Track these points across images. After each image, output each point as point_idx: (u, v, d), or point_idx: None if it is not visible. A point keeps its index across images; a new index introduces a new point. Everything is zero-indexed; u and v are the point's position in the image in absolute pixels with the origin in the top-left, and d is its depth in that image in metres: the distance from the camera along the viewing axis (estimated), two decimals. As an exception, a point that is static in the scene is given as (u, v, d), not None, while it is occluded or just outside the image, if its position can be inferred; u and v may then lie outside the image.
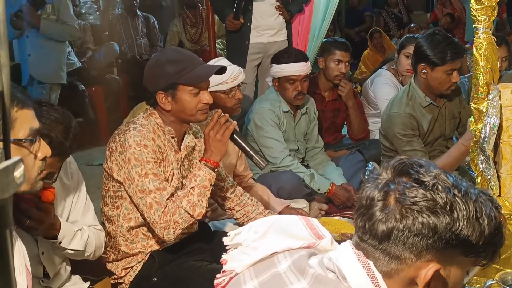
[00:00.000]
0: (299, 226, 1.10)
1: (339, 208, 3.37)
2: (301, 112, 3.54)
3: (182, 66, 2.06)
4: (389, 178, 1.01)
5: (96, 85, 5.54)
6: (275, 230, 1.10)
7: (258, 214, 2.43)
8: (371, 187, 1.01)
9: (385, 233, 0.97)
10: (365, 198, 1.01)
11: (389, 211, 0.97)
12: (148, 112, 2.15)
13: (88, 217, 2.04)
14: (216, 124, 2.10)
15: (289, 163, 3.33)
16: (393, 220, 0.96)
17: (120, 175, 2.07)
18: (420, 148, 3.11)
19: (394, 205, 0.97)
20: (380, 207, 0.98)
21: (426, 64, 3.01)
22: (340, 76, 3.79)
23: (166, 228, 2.01)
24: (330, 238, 1.10)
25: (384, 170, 1.03)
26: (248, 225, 1.14)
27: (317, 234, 1.10)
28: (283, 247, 1.07)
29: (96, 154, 4.89)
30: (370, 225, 0.99)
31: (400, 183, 0.98)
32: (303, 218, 1.12)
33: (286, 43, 3.99)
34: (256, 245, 1.08)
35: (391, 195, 0.98)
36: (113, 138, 2.11)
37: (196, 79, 2.07)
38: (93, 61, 5.93)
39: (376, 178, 1.02)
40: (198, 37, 6.47)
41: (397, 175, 1.00)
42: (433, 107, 3.16)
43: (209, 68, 2.14)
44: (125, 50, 6.21)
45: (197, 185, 2.05)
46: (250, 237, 1.11)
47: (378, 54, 6.63)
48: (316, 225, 1.11)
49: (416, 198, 0.96)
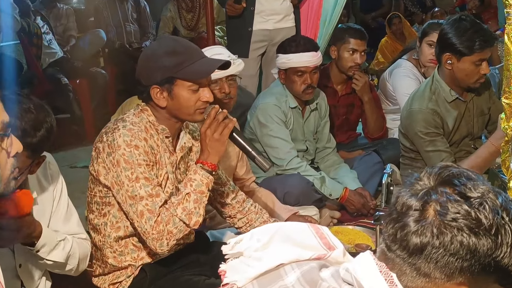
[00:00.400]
0: (307, 234, 1.11)
1: (354, 216, 3.38)
2: (311, 108, 3.54)
3: (181, 58, 2.06)
4: (430, 186, 1.01)
5: (80, 77, 5.55)
6: (280, 238, 1.10)
7: (262, 222, 2.43)
8: (408, 193, 1.02)
9: (417, 247, 0.98)
10: (401, 204, 1.01)
11: (426, 224, 0.98)
12: (140, 109, 2.15)
13: (71, 224, 2.04)
14: (214, 122, 2.10)
15: (296, 165, 3.33)
16: (429, 235, 0.97)
17: (107, 179, 2.07)
18: (445, 148, 3.11)
19: (433, 218, 0.98)
20: (416, 218, 0.99)
21: (452, 54, 3.01)
22: (355, 68, 3.79)
23: (159, 239, 2.01)
24: (343, 249, 1.10)
25: (426, 175, 1.03)
26: (250, 233, 1.14)
27: (327, 244, 1.10)
28: (290, 258, 1.08)
29: (80, 155, 4.91)
30: (402, 235, 0.99)
31: (443, 194, 0.99)
32: (312, 225, 1.12)
33: (293, 30, 4.00)
34: (259, 255, 1.09)
35: (431, 205, 0.99)
36: (100, 137, 2.11)
37: (197, 74, 2.07)
38: (77, 50, 5.94)
39: (414, 182, 1.03)
40: (195, 24, 6.47)
41: (440, 184, 1.01)
42: (459, 103, 3.16)
43: (212, 62, 2.14)
44: (112, 38, 6.22)
45: (193, 191, 2.05)
46: (252, 246, 1.11)
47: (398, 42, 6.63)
48: (327, 234, 1.12)
49: (458, 214, 0.96)
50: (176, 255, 2.23)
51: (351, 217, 3.38)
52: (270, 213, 2.61)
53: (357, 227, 3.10)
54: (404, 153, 3.37)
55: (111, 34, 6.22)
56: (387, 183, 2.56)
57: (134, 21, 6.41)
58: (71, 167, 4.63)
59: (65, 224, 2.01)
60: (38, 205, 1.92)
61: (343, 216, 3.36)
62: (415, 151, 3.24)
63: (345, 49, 3.77)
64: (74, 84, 5.45)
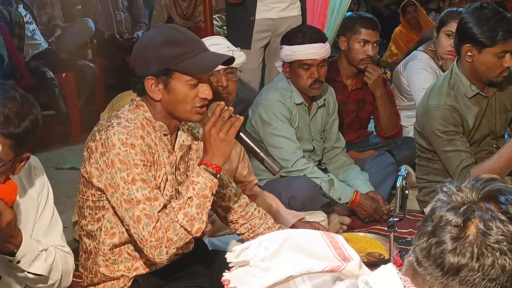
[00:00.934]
0: (320, 243, 1.10)
1: (365, 222, 3.38)
2: (318, 104, 3.54)
3: (182, 49, 2.06)
4: (472, 200, 1.00)
5: (66, 71, 5.55)
6: (290, 247, 1.10)
7: (266, 228, 2.43)
8: (445, 205, 1.01)
9: (453, 267, 0.98)
10: (438, 217, 1.01)
11: (466, 243, 0.97)
12: (135, 104, 2.15)
13: (54, 236, 2.04)
14: (219, 120, 2.10)
15: (303, 167, 3.33)
16: (468, 256, 0.97)
17: (101, 181, 2.07)
18: (464, 148, 3.11)
19: (474, 237, 0.97)
20: (454, 235, 0.98)
21: (472, 45, 3.01)
22: (366, 60, 3.79)
23: (157, 247, 2.00)
24: (359, 261, 1.10)
25: (468, 186, 1.02)
26: (257, 239, 1.14)
27: (342, 255, 1.10)
28: (300, 270, 1.08)
29: (66, 155, 4.91)
30: (438, 253, 0.99)
31: (487, 211, 0.98)
32: (325, 233, 1.12)
33: (300, 19, 4.00)
34: (267, 266, 1.09)
35: (473, 223, 0.98)
36: (93, 135, 2.10)
37: (198, 68, 2.07)
38: (63, 41, 5.94)
39: (454, 193, 1.02)
40: (191, 12, 6.47)
41: (483, 198, 1.00)
42: (480, 98, 3.16)
43: (215, 56, 2.14)
44: (101, 28, 6.22)
45: (196, 195, 2.05)
46: (259, 254, 1.11)
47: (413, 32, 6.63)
48: (342, 244, 1.11)
49: (502, 236, 0.96)
50: (172, 266, 2.23)
51: (362, 223, 3.38)
52: (274, 219, 2.61)
53: (368, 234, 3.10)
54: (420, 154, 3.37)
55: (100, 23, 6.22)
56: (402, 186, 2.56)
57: (125, 9, 6.41)
58: (57, 168, 4.62)
59: (47, 236, 2.00)
60: (21, 212, 1.91)
61: (353, 222, 3.37)
62: (432, 151, 3.24)
63: (356, 40, 3.77)
64: (59, 78, 5.45)
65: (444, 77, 3.22)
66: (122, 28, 6.33)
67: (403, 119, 4.20)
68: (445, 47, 3.98)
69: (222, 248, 2.70)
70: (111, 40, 6.18)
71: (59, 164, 4.72)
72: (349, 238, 2.99)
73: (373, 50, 3.79)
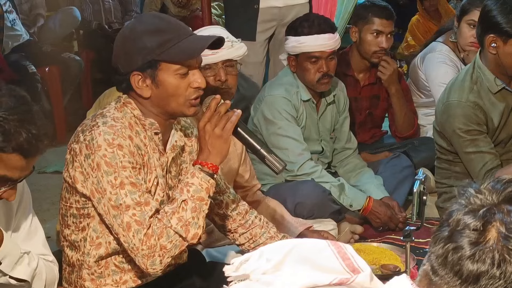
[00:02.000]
0: (327, 253, 1.11)
1: (379, 231, 3.38)
2: (327, 101, 3.54)
3: (165, 37, 2.07)
4: (492, 202, 1.01)
5: (50, 64, 5.57)
6: (294, 258, 1.10)
7: (268, 238, 2.44)
8: (463, 207, 1.01)
9: (472, 275, 0.98)
10: (455, 221, 1.01)
11: (486, 248, 0.98)
12: (122, 101, 2.16)
13: (35, 243, 2.04)
14: (214, 115, 2.10)
15: (310, 170, 3.34)
16: (488, 262, 0.97)
17: (86, 186, 2.07)
18: (489, 149, 3.11)
19: (495, 242, 0.98)
20: (473, 240, 0.99)
21: (497, 35, 3.01)
22: (380, 53, 3.80)
23: (150, 256, 2.01)
24: (370, 273, 1.10)
25: (487, 188, 1.03)
26: (258, 250, 1.14)
27: (351, 266, 1.10)
28: (306, 283, 1.08)
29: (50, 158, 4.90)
30: (455, 259, 0.99)
31: (509, 213, 0.99)
32: (333, 243, 1.12)
33: (307, 7, 4.01)
34: (269, 279, 1.09)
35: (493, 226, 0.99)
36: (76, 136, 2.11)
37: (184, 53, 2.08)
38: (46, 32, 5.95)
39: (472, 195, 1.03)
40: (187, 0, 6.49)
41: (505, 201, 1.01)
42: (506, 94, 3.16)
43: (201, 39, 2.15)
44: (88, 17, 6.24)
45: (191, 197, 2.05)
46: (261, 267, 1.11)
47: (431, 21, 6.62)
48: (351, 254, 1.12)
49: None
50: (164, 278, 2.24)
51: (375, 232, 3.38)
52: (278, 228, 2.62)
53: (383, 244, 3.10)
54: (439, 155, 3.37)
55: (87, 12, 6.24)
56: (419, 192, 2.56)
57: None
58: (39, 172, 4.63)
59: (26, 243, 2.01)
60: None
61: (366, 231, 3.37)
62: (453, 152, 3.24)
63: (368, 31, 3.77)
64: (42, 72, 5.46)
65: (466, 71, 3.22)
66: (111, 17, 6.34)
67: (421, 117, 4.20)
68: (467, 38, 3.98)
69: (220, 260, 2.71)
70: (99, 30, 6.20)
71: (42, 167, 4.73)
72: (361, 249, 2.99)
73: (387, 42, 3.79)
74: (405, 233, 2.53)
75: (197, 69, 2.12)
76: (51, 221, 3.15)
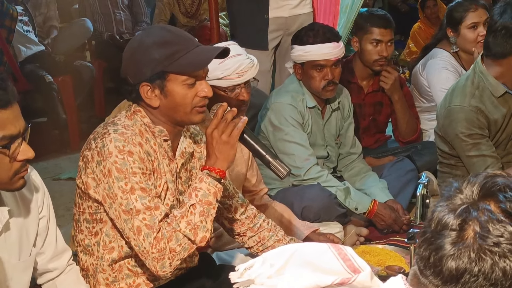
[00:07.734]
0: (328, 256, 1.11)
1: (384, 233, 3.38)
2: (332, 107, 3.55)
3: (173, 49, 2.08)
4: (471, 200, 1.00)
5: (63, 74, 5.58)
6: (296, 262, 1.11)
7: (276, 241, 2.45)
8: (445, 208, 1.01)
9: (453, 274, 0.98)
10: (436, 221, 1.01)
11: (464, 246, 0.98)
12: (132, 110, 2.18)
13: (64, 258, 2.14)
14: (221, 122, 2.12)
15: (316, 175, 3.34)
16: (466, 260, 0.97)
17: (98, 192, 2.09)
18: (490, 153, 3.11)
19: (472, 240, 0.98)
20: (452, 239, 0.99)
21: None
22: (381, 61, 3.78)
23: (160, 259, 2.02)
24: (369, 272, 1.11)
25: (468, 186, 1.02)
26: (261, 257, 1.15)
27: (352, 267, 1.11)
28: (308, 284, 1.08)
29: (64, 165, 4.94)
30: (436, 260, 0.99)
31: (484, 211, 0.98)
32: (333, 245, 1.13)
33: (311, 16, 4.01)
34: (273, 283, 1.10)
35: (470, 225, 0.99)
36: (88, 144, 2.13)
37: (192, 65, 2.10)
38: (60, 43, 5.98)
39: (454, 195, 1.02)
40: (196, 10, 6.50)
41: (483, 197, 1.00)
42: (508, 97, 3.14)
43: (207, 50, 2.16)
44: (100, 28, 6.26)
45: (199, 202, 2.06)
46: (264, 272, 1.12)
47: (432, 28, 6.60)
48: (351, 255, 1.12)
49: (501, 238, 0.96)
50: (176, 281, 2.24)
51: (380, 234, 3.38)
52: (285, 231, 2.62)
53: (388, 246, 3.10)
54: (442, 159, 3.36)
55: (99, 23, 6.27)
56: (423, 195, 2.56)
57: (125, 8, 6.45)
58: (54, 179, 4.65)
59: (56, 261, 2.12)
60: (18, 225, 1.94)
61: (371, 233, 3.36)
62: (455, 156, 3.23)
63: (368, 40, 3.76)
64: (56, 82, 5.47)
65: (467, 76, 3.21)
66: (122, 28, 6.37)
67: (423, 122, 4.19)
68: (474, 39, 3.93)
69: (230, 263, 2.71)
70: (111, 41, 6.22)
71: (57, 174, 4.75)
72: (367, 251, 2.99)
73: (388, 50, 3.77)
74: (409, 235, 2.53)
75: (203, 79, 2.14)
76: (66, 226, 3.16)
